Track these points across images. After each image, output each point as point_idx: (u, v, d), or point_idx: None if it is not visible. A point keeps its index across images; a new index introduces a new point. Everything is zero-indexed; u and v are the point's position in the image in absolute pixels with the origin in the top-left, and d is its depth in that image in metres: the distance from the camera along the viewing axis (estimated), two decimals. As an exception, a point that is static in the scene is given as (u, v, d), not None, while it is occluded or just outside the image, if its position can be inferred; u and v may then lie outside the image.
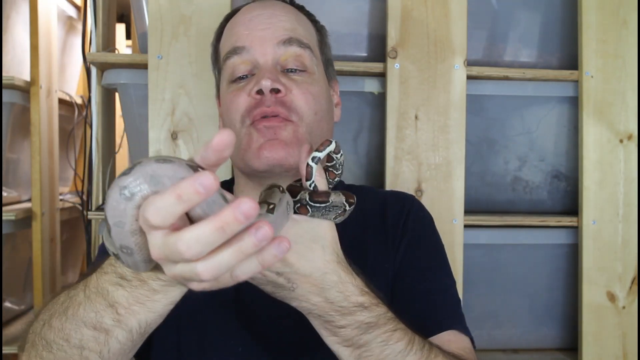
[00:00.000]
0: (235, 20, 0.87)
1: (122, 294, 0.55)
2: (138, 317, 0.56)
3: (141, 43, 1.32)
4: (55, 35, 1.61)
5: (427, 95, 1.29)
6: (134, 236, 0.44)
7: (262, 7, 0.86)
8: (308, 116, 0.81)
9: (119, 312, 0.55)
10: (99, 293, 0.56)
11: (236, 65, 0.83)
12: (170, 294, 0.55)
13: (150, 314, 0.56)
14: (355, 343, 0.60)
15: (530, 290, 1.42)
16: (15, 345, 1.41)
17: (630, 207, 1.34)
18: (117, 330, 0.56)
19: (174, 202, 0.38)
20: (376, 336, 0.60)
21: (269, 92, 0.78)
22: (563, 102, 1.38)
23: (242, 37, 0.83)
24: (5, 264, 1.47)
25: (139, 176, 0.41)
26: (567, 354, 1.41)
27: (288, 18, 0.85)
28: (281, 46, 0.82)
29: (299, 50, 0.83)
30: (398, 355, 0.61)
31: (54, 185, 1.60)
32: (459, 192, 1.30)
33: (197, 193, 0.38)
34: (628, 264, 1.33)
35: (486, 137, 1.40)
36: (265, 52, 0.81)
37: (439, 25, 1.30)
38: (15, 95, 1.46)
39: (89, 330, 0.56)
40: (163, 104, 1.24)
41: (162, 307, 0.56)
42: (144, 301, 0.55)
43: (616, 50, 1.34)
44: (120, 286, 0.55)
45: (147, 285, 0.54)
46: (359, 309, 0.59)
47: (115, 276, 0.56)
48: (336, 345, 0.61)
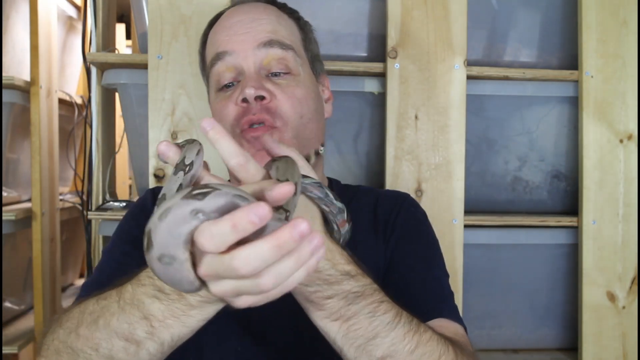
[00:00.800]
0: (217, 27, 0.88)
1: (158, 307, 0.56)
2: (171, 330, 0.56)
3: (141, 43, 1.32)
4: (55, 35, 1.61)
5: (427, 95, 1.29)
6: (185, 252, 0.45)
7: (243, 12, 0.86)
8: (294, 120, 0.81)
9: (153, 325, 0.56)
10: (134, 305, 0.57)
11: (221, 72, 0.83)
12: (205, 310, 0.56)
13: (184, 328, 0.56)
14: (343, 315, 0.59)
15: (530, 290, 1.42)
16: (15, 345, 1.41)
17: (630, 207, 1.34)
18: (149, 342, 0.57)
19: (229, 231, 0.40)
20: (363, 307, 0.60)
21: (253, 99, 0.79)
22: (563, 102, 1.38)
23: (223, 43, 0.83)
24: (5, 264, 1.47)
25: (212, 204, 0.42)
26: (567, 354, 1.41)
27: (269, 20, 0.85)
28: (262, 48, 0.82)
29: (281, 53, 0.83)
30: (387, 326, 0.60)
31: (54, 185, 1.60)
32: (459, 192, 1.30)
33: (251, 223, 0.39)
34: (628, 264, 1.33)
35: (486, 137, 1.40)
36: (247, 56, 0.82)
37: (439, 25, 1.30)
38: (15, 95, 1.46)
39: (120, 341, 0.57)
40: (163, 104, 1.24)
41: (195, 323, 0.56)
42: (179, 315, 0.55)
43: (616, 50, 1.34)
44: (157, 299, 0.56)
45: (184, 300, 0.55)
46: (346, 277, 0.59)
47: (153, 289, 0.56)
48: (324, 321, 0.60)
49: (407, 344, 0.61)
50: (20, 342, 1.43)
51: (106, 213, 1.31)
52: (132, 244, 0.80)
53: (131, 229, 0.83)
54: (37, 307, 1.49)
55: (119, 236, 0.83)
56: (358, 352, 0.60)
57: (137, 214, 0.86)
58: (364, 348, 0.60)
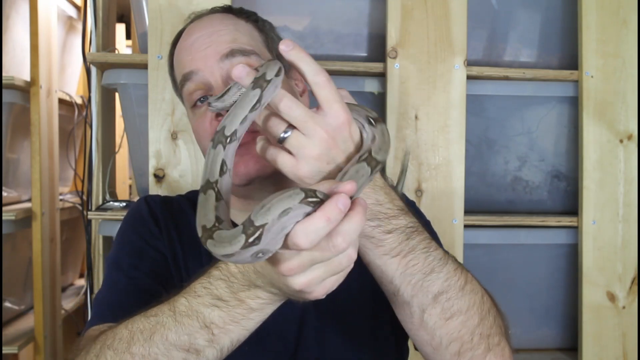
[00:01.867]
0: (180, 47, 0.89)
1: (217, 315, 0.57)
2: (231, 335, 0.58)
3: (141, 43, 1.32)
4: (55, 35, 1.61)
5: (427, 95, 1.29)
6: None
7: (200, 27, 0.86)
8: None
9: (214, 333, 0.58)
10: (192, 316, 0.58)
11: (191, 91, 0.84)
12: (265, 311, 0.58)
13: (244, 331, 0.59)
14: (402, 251, 0.61)
15: (530, 290, 1.42)
16: (15, 345, 1.41)
17: (630, 207, 1.34)
18: (209, 349, 0.58)
19: (324, 225, 0.44)
20: (419, 242, 0.62)
21: (225, 112, 0.79)
22: (563, 102, 1.38)
23: (188, 63, 0.84)
24: (5, 264, 1.47)
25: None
26: (567, 354, 1.41)
27: (227, 30, 0.85)
28: (225, 60, 0.82)
29: (244, 59, 0.83)
30: (440, 262, 0.63)
31: (54, 185, 1.60)
32: (459, 192, 1.30)
33: (340, 212, 0.45)
34: (628, 264, 1.33)
35: (486, 137, 1.40)
36: (213, 71, 0.82)
37: (439, 25, 1.30)
38: (15, 95, 1.46)
39: (179, 353, 0.58)
40: (163, 104, 1.24)
41: (254, 325, 0.59)
42: (240, 320, 0.58)
43: (616, 50, 1.34)
44: (217, 307, 0.58)
45: (245, 304, 0.57)
46: (402, 212, 0.61)
47: (211, 298, 0.58)
48: (383, 258, 0.61)
49: (458, 280, 0.64)
50: (20, 342, 1.43)
51: (106, 213, 1.31)
52: (139, 256, 0.80)
53: (135, 241, 0.82)
54: (37, 307, 1.49)
55: (122, 249, 0.83)
56: (415, 289, 0.62)
57: (138, 226, 0.85)
58: (421, 285, 0.62)
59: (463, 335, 0.64)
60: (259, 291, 0.56)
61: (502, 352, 0.67)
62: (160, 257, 0.81)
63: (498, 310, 0.70)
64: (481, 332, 0.65)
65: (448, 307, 0.63)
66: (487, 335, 0.65)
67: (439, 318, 0.63)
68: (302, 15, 1.34)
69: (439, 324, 0.63)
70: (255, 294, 0.57)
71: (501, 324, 0.69)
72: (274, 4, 1.35)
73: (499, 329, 0.67)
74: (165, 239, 0.83)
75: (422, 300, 0.63)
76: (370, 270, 0.64)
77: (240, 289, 0.57)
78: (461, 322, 0.64)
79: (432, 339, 0.64)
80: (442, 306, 0.63)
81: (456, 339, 0.64)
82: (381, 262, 0.62)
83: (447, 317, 0.63)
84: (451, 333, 0.64)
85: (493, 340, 0.66)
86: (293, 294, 0.53)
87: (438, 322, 0.63)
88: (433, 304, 0.63)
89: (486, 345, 0.65)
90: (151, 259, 0.80)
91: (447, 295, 0.63)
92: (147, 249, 0.81)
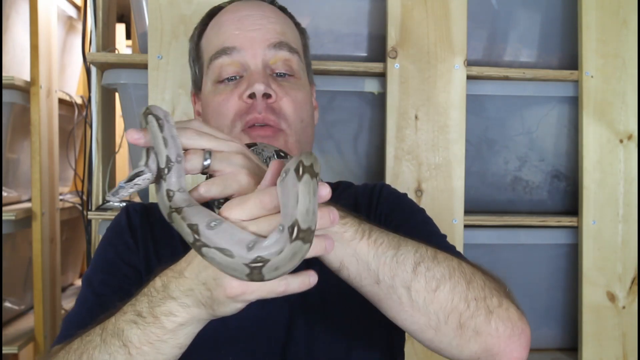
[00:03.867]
0: (223, 18, 0.85)
1: (135, 333, 0.57)
2: (147, 357, 0.58)
3: (141, 43, 1.32)
4: (55, 35, 1.61)
5: (427, 95, 1.29)
6: None
7: (251, 7, 0.84)
8: (296, 124, 0.81)
9: (131, 353, 0.57)
10: (115, 334, 0.58)
11: (224, 65, 0.82)
12: (178, 335, 0.57)
13: (159, 355, 0.58)
14: (365, 231, 0.61)
15: (530, 290, 1.42)
16: (15, 345, 1.41)
17: (630, 207, 1.34)
18: None
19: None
20: (371, 224, 0.63)
21: (261, 96, 0.78)
22: (563, 102, 1.38)
23: (232, 37, 0.82)
24: (5, 264, 1.47)
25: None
26: (567, 354, 1.41)
27: (278, 20, 0.84)
28: (272, 49, 0.81)
29: (289, 55, 0.82)
30: (400, 238, 0.63)
31: (54, 185, 1.60)
32: (459, 192, 1.30)
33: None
34: (628, 264, 1.33)
35: (486, 137, 1.40)
36: (256, 54, 0.81)
37: (439, 25, 1.30)
38: (15, 95, 1.46)
39: None
40: (163, 104, 1.24)
41: (169, 349, 0.58)
42: (154, 341, 0.57)
43: (616, 50, 1.34)
44: (135, 324, 0.58)
45: (159, 322, 0.57)
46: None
47: (133, 314, 0.58)
48: (352, 244, 0.60)
49: (427, 250, 0.62)
50: (20, 342, 1.43)
51: (106, 213, 1.31)
52: (111, 272, 0.79)
53: (110, 256, 0.81)
54: (37, 307, 1.49)
55: (96, 264, 0.82)
56: (392, 268, 0.60)
57: (114, 238, 0.84)
58: (396, 261, 0.60)
59: (457, 304, 0.61)
60: (173, 304, 0.56)
61: (506, 313, 0.63)
62: (132, 273, 0.79)
63: (487, 273, 0.67)
64: (475, 296, 0.62)
65: (430, 277, 0.61)
66: (482, 298, 0.62)
67: (426, 292, 0.61)
68: (302, 15, 1.33)
69: (429, 299, 0.61)
70: (169, 309, 0.56)
71: (496, 287, 0.65)
72: (274, 4, 1.35)
73: (495, 291, 0.64)
74: (142, 252, 0.81)
75: (403, 277, 0.60)
76: (348, 272, 0.61)
77: (157, 304, 0.57)
78: (449, 290, 0.61)
79: (429, 319, 0.61)
80: (424, 277, 0.60)
81: (452, 310, 0.61)
82: (352, 249, 0.60)
83: (434, 289, 0.61)
84: (444, 305, 0.61)
85: (492, 303, 0.63)
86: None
87: (427, 297, 0.61)
88: (414, 277, 0.60)
89: (486, 309, 0.62)
90: (123, 275, 0.79)
91: (424, 265, 0.61)
92: (120, 265, 0.80)
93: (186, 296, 0.56)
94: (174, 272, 0.58)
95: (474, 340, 0.62)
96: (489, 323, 0.62)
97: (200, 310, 0.56)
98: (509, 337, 0.63)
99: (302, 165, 0.48)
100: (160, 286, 0.58)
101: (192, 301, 0.56)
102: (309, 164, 0.49)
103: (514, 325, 0.63)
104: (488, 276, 0.67)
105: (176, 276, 0.57)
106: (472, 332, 0.62)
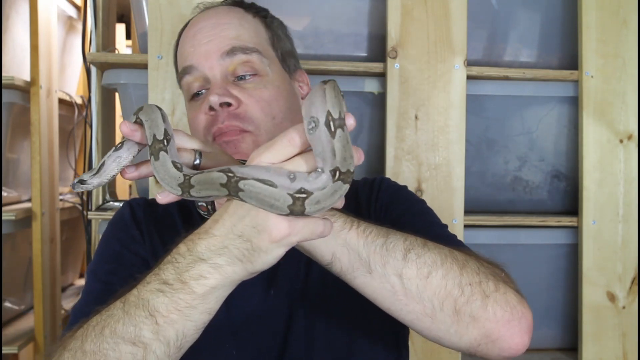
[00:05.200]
0: (184, 35, 0.88)
1: (162, 301, 0.56)
2: (176, 326, 0.56)
3: (141, 43, 1.32)
4: (55, 35, 1.61)
5: (427, 95, 1.29)
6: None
7: (206, 18, 0.86)
8: (265, 123, 0.81)
9: (158, 322, 0.56)
10: (139, 305, 0.57)
11: (189, 83, 0.84)
12: (209, 299, 0.56)
13: (188, 322, 0.56)
14: (353, 221, 0.61)
15: (530, 290, 1.40)
16: (15, 345, 1.41)
17: (630, 207, 1.34)
18: (155, 343, 0.57)
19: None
20: (355, 216, 0.63)
21: (219, 107, 0.79)
22: (563, 102, 1.38)
23: (189, 56, 0.84)
24: (5, 264, 1.47)
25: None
26: (567, 354, 1.41)
27: (231, 25, 0.85)
28: (226, 58, 0.82)
29: (245, 57, 0.83)
30: (387, 229, 0.63)
31: (54, 185, 1.60)
32: (459, 192, 1.30)
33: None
34: (628, 264, 1.33)
35: (486, 137, 1.40)
36: (212, 66, 0.82)
37: (439, 25, 1.30)
38: (15, 95, 1.46)
39: (127, 346, 0.57)
40: (163, 104, 1.24)
41: (198, 315, 0.57)
42: (182, 308, 0.56)
43: (616, 50, 1.34)
44: (162, 292, 0.56)
45: (187, 287, 0.55)
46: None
47: (158, 283, 0.57)
48: (342, 234, 0.61)
49: (416, 239, 0.63)
50: (20, 342, 1.43)
51: (106, 213, 1.31)
52: (117, 262, 0.79)
53: (115, 247, 0.81)
54: (37, 307, 1.49)
55: (101, 257, 0.82)
56: (383, 256, 0.61)
57: (119, 231, 0.84)
58: (386, 248, 0.61)
59: (451, 290, 0.61)
60: (204, 267, 0.55)
61: (504, 297, 0.62)
62: (140, 262, 0.79)
63: (482, 259, 0.67)
64: (470, 281, 0.62)
65: (421, 263, 0.61)
66: (478, 283, 0.62)
67: (419, 279, 0.61)
68: (302, 15, 1.34)
69: (422, 286, 0.61)
70: (199, 272, 0.55)
71: (492, 272, 0.65)
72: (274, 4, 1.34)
73: (492, 276, 0.64)
74: (148, 244, 0.81)
75: (395, 265, 0.60)
76: (341, 264, 0.61)
77: (184, 269, 0.56)
78: (442, 276, 0.61)
79: (424, 307, 0.61)
80: (416, 264, 0.61)
81: (446, 296, 0.61)
82: (342, 239, 0.60)
83: (426, 275, 0.61)
84: (438, 291, 0.61)
85: (488, 287, 0.62)
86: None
87: (420, 283, 0.61)
88: (405, 264, 0.60)
89: (482, 294, 0.61)
90: (130, 264, 0.79)
91: (414, 252, 0.61)
92: (127, 255, 0.80)
93: (218, 255, 0.55)
94: (199, 234, 0.57)
95: (472, 326, 0.62)
96: (486, 308, 0.61)
97: (235, 267, 0.55)
98: (508, 321, 0.62)
99: (332, 118, 0.50)
100: (186, 251, 0.57)
101: (226, 259, 0.55)
102: (337, 116, 0.51)
103: (513, 309, 0.63)
104: (483, 262, 0.66)
105: (203, 237, 0.56)
106: (469, 318, 0.61)
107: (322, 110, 0.50)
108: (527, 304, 0.65)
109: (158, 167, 0.56)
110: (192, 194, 0.54)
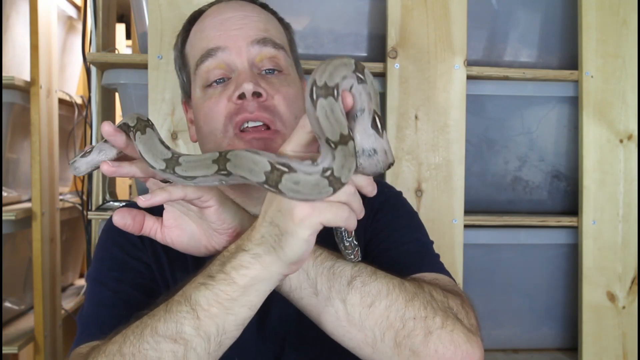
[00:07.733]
0: (205, 23, 0.84)
1: (203, 294, 0.56)
2: (216, 320, 0.56)
3: (141, 43, 1.32)
4: (55, 35, 1.61)
5: (427, 95, 1.29)
6: None
7: (232, 8, 0.83)
8: (290, 121, 0.78)
9: (199, 316, 0.56)
10: (181, 301, 0.58)
11: (211, 69, 0.80)
12: (249, 291, 0.56)
13: (229, 316, 0.56)
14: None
15: (530, 290, 1.42)
16: (15, 345, 1.41)
17: (630, 207, 1.33)
18: (196, 339, 0.56)
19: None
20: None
21: (250, 96, 0.76)
22: (563, 102, 1.38)
23: (215, 39, 0.80)
24: (5, 264, 1.47)
25: None
26: (567, 354, 1.41)
27: (260, 18, 0.83)
28: (256, 45, 0.79)
29: (274, 51, 0.80)
30: (339, 255, 0.64)
31: (54, 185, 1.60)
32: (459, 192, 1.30)
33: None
34: (628, 264, 1.33)
35: (486, 137, 1.40)
36: (241, 52, 0.79)
37: (439, 25, 1.30)
38: (15, 95, 1.46)
39: (168, 344, 0.56)
40: (163, 104, 1.24)
41: (239, 308, 0.57)
42: (223, 300, 0.56)
43: (616, 50, 1.34)
44: (204, 285, 0.57)
45: (229, 278, 0.56)
46: None
47: (203, 278, 0.58)
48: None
49: (366, 267, 0.63)
50: (20, 342, 1.43)
51: (106, 213, 1.31)
52: (122, 269, 0.77)
53: (116, 254, 0.79)
54: (37, 307, 1.49)
55: (103, 263, 0.79)
56: (329, 278, 0.61)
57: (117, 237, 0.81)
58: (332, 272, 0.61)
59: (393, 322, 0.60)
60: (245, 257, 0.56)
61: (449, 335, 0.61)
62: (144, 268, 0.78)
63: (446, 291, 0.66)
64: (414, 315, 0.61)
65: (365, 292, 0.61)
66: (423, 318, 0.61)
67: (361, 307, 0.61)
68: (302, 15, 1.34)
69: (364, 314, 0.61)
70: (239, 261, 0.56)
71: (445, 306, 0.63)
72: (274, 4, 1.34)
73: (441, 312, 0.62)
74: (149, 249, 0.80)
75: (340, 289, 0.61)
76: (290, 282, 0.61)
77: (228, 260, 0.57)
78: (385, 307, 0.61)
79: (366, 335, 0.61)
80: (360, 292, 0.61)
81: (388, 327, 0.60)
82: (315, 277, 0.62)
83: (369, 304, 0.61)
84: (380, 322, 0.61)
85: (434, 323, 0.61)
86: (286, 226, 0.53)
87: (362, 311, 0.61)
88: (350, 290, 0.61)
89: (425, 330, 0.60)
90: (135, 270, 0.77)
91: (361, 279, 0.61)
92: (130, 261, 0.78)
93: (258, 245, 0.56)
94: (246, 233, 0.58)
95: None
96: (427, 344, 0.60)
97: (272, 256, 0.55)
98: (449, 359, 0.61)
99: (316, 87, 0.49)
100: (234, 247, 0.58)
101: (264, 249, 0.55)
102: (321, 84, 0.49)
103: (457, 348, 0.61)
104: (439, 294, 0.65)
105: (249, 232, 0.58)
106: (410, 352, 0.61)
107: (310, 82, 0.49)
108: (478, 340, 0.63)
109: (144, 140, 0.54)
110: (177, 171, 0.53)
